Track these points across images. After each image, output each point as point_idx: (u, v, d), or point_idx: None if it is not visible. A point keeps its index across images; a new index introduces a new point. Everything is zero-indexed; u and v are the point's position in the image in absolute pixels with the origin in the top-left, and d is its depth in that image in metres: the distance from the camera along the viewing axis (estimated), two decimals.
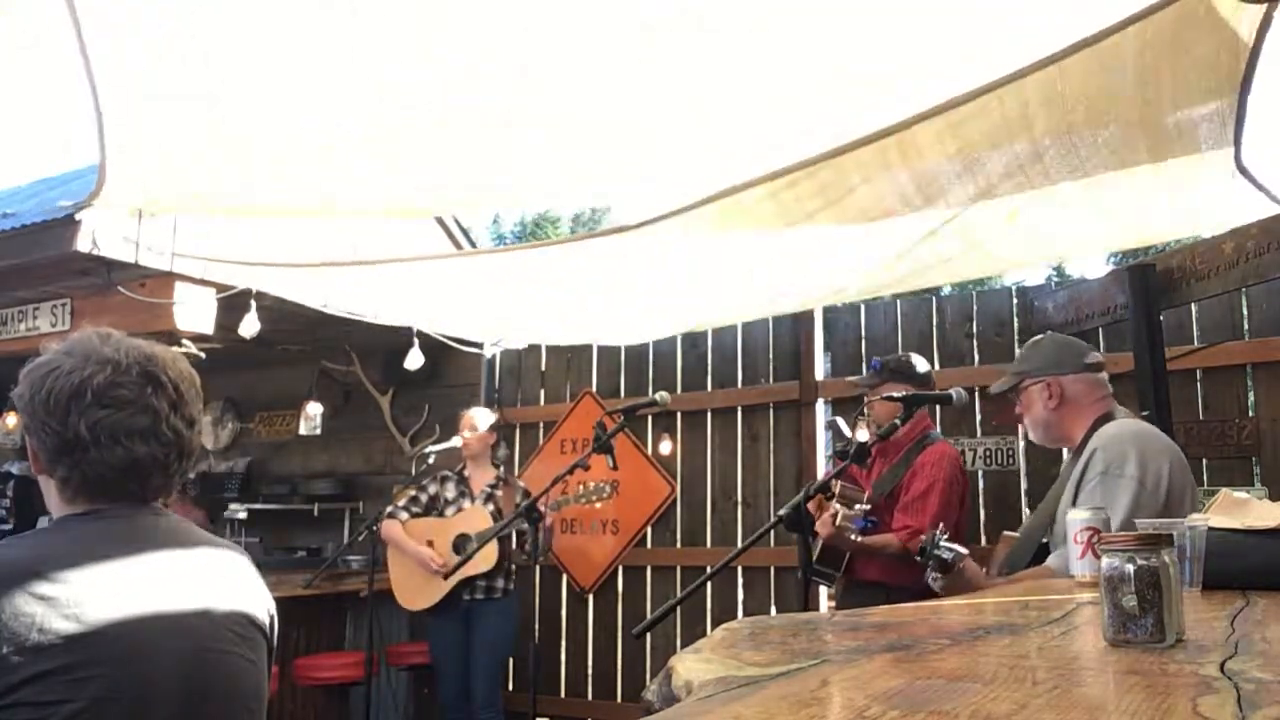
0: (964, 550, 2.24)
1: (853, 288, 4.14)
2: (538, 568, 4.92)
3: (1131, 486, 2.08)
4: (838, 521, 3.10)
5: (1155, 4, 1.98)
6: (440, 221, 5.59)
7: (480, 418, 4.52)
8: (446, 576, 4.24)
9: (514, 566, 4.46)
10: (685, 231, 3.16)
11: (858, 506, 3.16)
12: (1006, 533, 2.68)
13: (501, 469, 4.61)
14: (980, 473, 4.36)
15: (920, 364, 3.44)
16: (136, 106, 2.16)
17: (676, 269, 3.82)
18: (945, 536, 2.23)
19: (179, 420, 1.39)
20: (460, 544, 4.32)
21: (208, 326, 4.33)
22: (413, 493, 4.56)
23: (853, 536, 3.11)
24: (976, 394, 4.36)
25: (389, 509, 4.49)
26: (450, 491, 4.51)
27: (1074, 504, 2.11)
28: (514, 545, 4.39)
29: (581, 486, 4.29)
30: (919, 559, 2.25)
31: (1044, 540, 2.33)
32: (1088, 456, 2.22)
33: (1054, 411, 2.39)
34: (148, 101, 2.16)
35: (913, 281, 4.01)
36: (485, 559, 4.15)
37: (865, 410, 3.47)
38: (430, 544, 4.38)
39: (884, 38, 2.11)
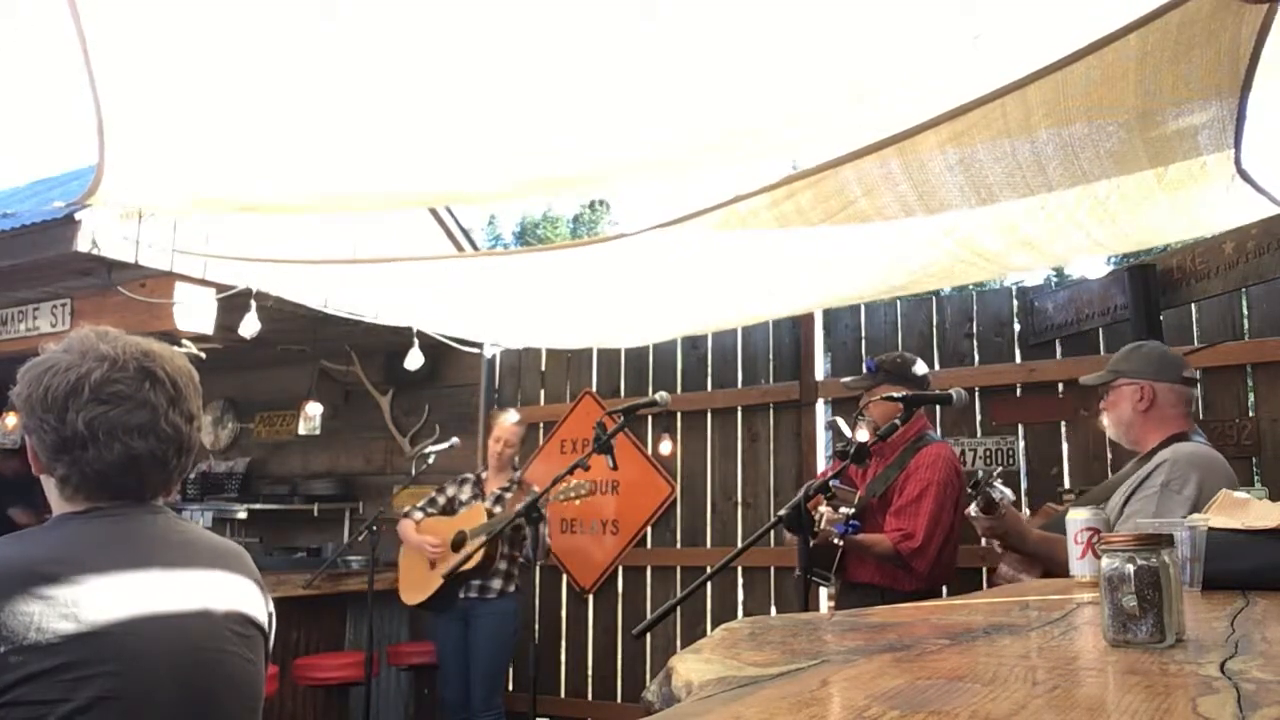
0: (1011, 495, 2.42)
1: (853, 295, 4.14)
2: (538, 568, 4.93)
3: (1186, 506, 2.19)
4: (820, 525, 3.11)
5: (1157, 9, 1.98)
6: (440, 221, 5.59)
7: (517, 423, 4.61)
8: (445, 575, 4.25)
9: (515, 568, 4.47)
10: (687, 235, 3.16)
11: (842, 510, 3.16)
12: (1049, 505, 2.79)
13: (518, 474, 4.65)
14: (980, 473, 4.35)
15: (916, 363, 3.43)
16: (136, 103, 2.16)
17: (677, 278, 3.82)
18: (999, 478, 2.41)
19: (177, 416, 1.38)
20: (458, 540, 4.36)
21: (208, 326, 4.33)
22: (432, 494, 4.66)
23: (835, 540, 3.12)
24: (976, 394, 4.36)
25: (405, 509, 4.61)
26: (466, 494, 4.60)
27: (1124, 505, 2.30)
28: (512, 547, 4.40)
29: (562, 485, 4.29)
30: (970, 491, 2.40)
31: None
32: (1154, 466, 2.36)
33: (1141, 414, 2.51)
34: (147, 98, 2.16)
35: (914, 287, 4.01)
36: (472, 559, 4.18)
37: (863, 411, 3.45)
38: None
39: (885, 45, 2.11)
